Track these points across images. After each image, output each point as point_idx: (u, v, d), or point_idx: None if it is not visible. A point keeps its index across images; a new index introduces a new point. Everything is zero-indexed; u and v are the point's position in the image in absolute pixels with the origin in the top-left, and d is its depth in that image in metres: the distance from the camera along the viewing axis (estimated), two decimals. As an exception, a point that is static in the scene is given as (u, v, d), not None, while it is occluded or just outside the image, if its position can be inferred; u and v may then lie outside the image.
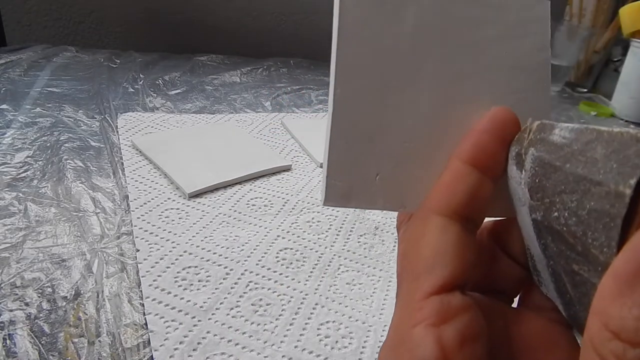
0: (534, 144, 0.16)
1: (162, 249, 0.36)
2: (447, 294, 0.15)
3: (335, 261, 0.38)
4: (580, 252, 0.14)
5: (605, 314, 0.11)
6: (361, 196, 0.18)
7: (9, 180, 0.42)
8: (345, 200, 0.18)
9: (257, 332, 0.30)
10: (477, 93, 0.19)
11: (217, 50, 0.91)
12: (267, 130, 0.61)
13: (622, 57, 0.90)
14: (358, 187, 0.18)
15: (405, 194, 0.18)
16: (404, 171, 0.18)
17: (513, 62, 0.19)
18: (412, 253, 0.16)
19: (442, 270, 0.15)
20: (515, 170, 0.16)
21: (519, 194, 0.16)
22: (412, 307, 0.15)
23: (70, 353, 0.27)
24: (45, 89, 0.64)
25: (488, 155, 0.16)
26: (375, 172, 0.18)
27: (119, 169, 0.47)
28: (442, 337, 0.14)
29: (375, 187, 0.18)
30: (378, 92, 0.18)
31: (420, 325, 0.14)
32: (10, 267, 0.32)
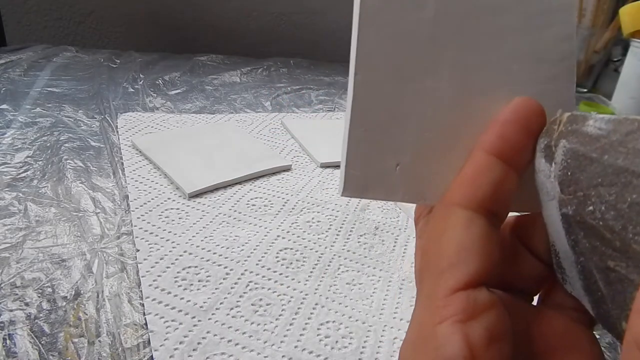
0: (565, 136, 0.15)
1: (162, 249, 0.36)
2: (473, 290, 0.14)
3: (335, 261, 0.38)
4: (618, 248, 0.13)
5: None
6: (380, 187, 0.17)
7: (9, 180, 0.42)
8: (363, 191, 0.17)
9: (257, 332, 0.30)
10: (499, 83, 0.18)
11: (217, 50, 0.91)
12: (267, 130, 0.61)
13: (622, 57, 0.90)
14: (377, 178, 0.17)
15: (425, 185, 0.18)
16: (424, 162, 0.18)
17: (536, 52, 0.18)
18: (434, 248, 0.15)
19: (468, 265, 0.14)
20: (544, 162, 0.16)
21: (547, 188, 0.16)
22: (437, 304, 0.14)
23: (70, 353, 0.27)
24: (45, 89, 0.64)
25: (513, 146, 0.16)
26: (394, 163, 0.17)
27: (119, 169, 0.47)
28: (469, 335, 0.14)
29: (395, 178, 0.17)
30: (398, 80, 0.17)
31: (446, 323, 0.14)
32: (10, 267, 0.32)
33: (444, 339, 0.14)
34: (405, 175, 0.17)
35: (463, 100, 0.18)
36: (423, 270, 0.16)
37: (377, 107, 0.17)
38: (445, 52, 0.18)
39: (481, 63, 0.18)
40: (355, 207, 0.46)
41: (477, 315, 0.14)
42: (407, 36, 0.17)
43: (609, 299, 0.14)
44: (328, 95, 0.79)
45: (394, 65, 0.17)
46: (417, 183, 0.18)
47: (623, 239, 0.13)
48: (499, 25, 0.18)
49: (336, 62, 0.99)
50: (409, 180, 0.18)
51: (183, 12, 0.95)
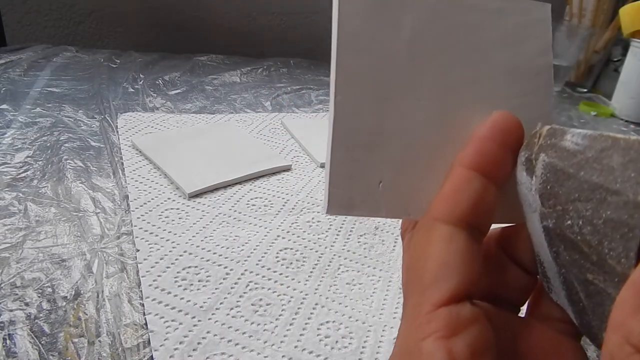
0: (544, 150, 0.15)
1: (162, 249, 0.36)
2: (455, 305, 0.14)
3: (335, 261, 0.38)
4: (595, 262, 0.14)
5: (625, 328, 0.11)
6: (364, 205, 0.18)
7: (9, 180, 0.42)
8: (348, 208, 0.18)
9: (257, 332, 0.30)
10: (479, 99, 0.18)
11: (217, 50, 0.91)
12: (267, 130, 0.61)
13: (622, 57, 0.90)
14: (361, 196, 0.18)
15: (408, 201, 0.18)
16: (406, 178, 0.18)
17: (514, 66, 0.19)
18: (417, 264, 0.16)
19: (450, 281, 0.15)
20: (525, 176, 0.16)
21: (529, 200, 0.16)
22: (420, 320, 0.15)
23: (70, 353, 0.27)
24: (45, 89, 0.64)
25: (491, 160, 0.16)
26: (377, 180, 0.18)
27: (119, 169, 0.47)
28: (452, 350, 0.14)
29: (378, 195, 0.18)
30: (378, 99, 0.18)
31: (430, 339, 0.14)
32: (10, 267, 0.32)
33: (428, 355, 0.14)
34: (388, 192, 0.18)
35: (443, 116, 0.18)
36: (408, 286, 0.16)
37: (358, 127, 0.18)
38: (424, 71, 0.18)
39: (460, 80, 0.18)
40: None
41: (460, 331, 0.14)
42: (385, 57, 0.18)
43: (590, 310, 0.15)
44: (328, 95, 0.79)
45: (373, 86, 0.18)
46: (401, 199, 0.18)
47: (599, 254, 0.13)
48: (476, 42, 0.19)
49: (336, 62, 0.99)
50: (392, 197, 0.18)
51: (183, 12, 0.95)
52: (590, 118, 0.85)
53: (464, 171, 0.16)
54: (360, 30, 0.18)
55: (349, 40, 0.18)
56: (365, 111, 0.18)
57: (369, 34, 0.18)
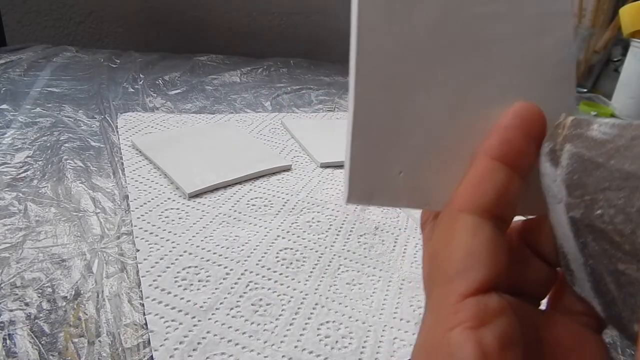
0: (570, 140, 0.15)
1: (162, 249, 0.36)
2: (483, 296, 0.14)
3: (335, 261, 0.38)
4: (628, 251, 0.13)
5: None
6: (384, 194, 0.18)
7: (9, 180, 0.42)
8: (368, 198, 0.18)
9: (257, 332, 0.30)
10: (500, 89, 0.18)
11: (217, 50, 0.91)
12: (267, 130, 0.61)
13: (622, 57, 0.90)
14: (381, 185, 0.18)
15: (429, 191, 0.18)
16: (427, 168, 0.18)
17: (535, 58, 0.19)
18: (441, 254, 0.15)
19: (477, 271, 0.14)
20: (550, 166, 0.16)
21: (554, 191, 0.16)
22: (447, 310, 0.14)
23: (70, 353, 0.27)
24: (45, 89, 0.64)
25: (516, 151, 0.16)
26: (398, 170, 0.18)
27: (119, 169, 0.47)
28: (482, 342, 0.13)
29: (399, 185, 0.18)
30: (398, 89, 0.18)
31: (458, 329, 0.14)
32: (10, 267, 0.32)
33: (456, 346, 0.14)
34: (409, 181, 0.18)
35: (464, 107, 0.18)
36: (431, 277, 0.16)
37: (379, 116, 0.18)
38: (444, 61, 0.18)
39: (481, 71, 0.18)
40: (355, 207, 0.46)
41: (489, 322, 0.14)
42: (406, 46, 0.18)
43: (620, 301, 0.14)
44: (328, 95, 0.79)
45: (393, 78, 0.18)
46: (421, 189, 0.18)
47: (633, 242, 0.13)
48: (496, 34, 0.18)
49: (336, 62, 0.99)
50: (412, 187, 0.18)
51: (183, 12, 0.95)
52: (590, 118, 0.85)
53: (488, 161, 0.16)
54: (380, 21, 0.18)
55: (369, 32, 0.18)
56: (386, 100, 0.18)
57: (388, 24, 0.18)
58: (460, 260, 0.15)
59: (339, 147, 0.59)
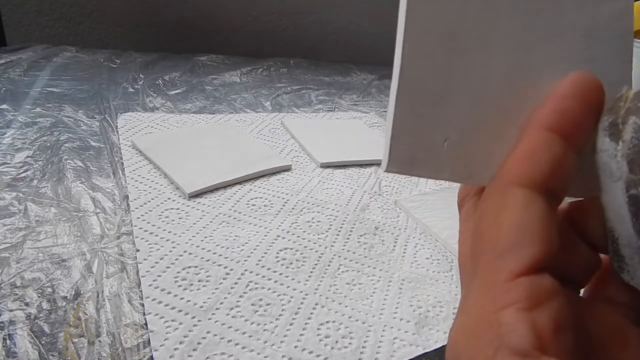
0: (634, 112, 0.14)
1: (162, 249, 0.36)
2: (536, 276, 0.13)
3: (335, 261, 0.38)
4: None
5: None
6: (427, 163, 0.17)
7: (9, 180, 0.42)
8: (409, 166, 0.17)
9: (257, 332, 0.30)
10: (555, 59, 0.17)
11: (217, 50, 0.91)
12: (267, 130, 0.61)
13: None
14: (424, 154, 0.16)
15: (474, 164, 0.17)
16: (473, 139, 0.17)
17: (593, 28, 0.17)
18: (490, 229, 0.14)
19: (529, 248, 0.13)
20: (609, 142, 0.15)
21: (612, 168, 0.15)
22: (497, 289, 0.13)
23: (70, 353, 0.27)
24: (45, 89, 0.64)
25: (573, 122, 0.15)
26: (443, 138, 0.17)
27: (119, 169, 0.47)
28: (536, 323, 0.13)
29: (443, 155, 0.17)
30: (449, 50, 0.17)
31: (510, 309, 0.13)
32: (10, 267, 0.32)
33: (508, 327, 0.13)
34: (454, 152, 0.17)
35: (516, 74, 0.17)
36: (476, 253, 0.15)
37: (426, 79, 0.16)
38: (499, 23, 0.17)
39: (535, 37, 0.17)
40: (356, 207, 0.46)
41: (542, 303, 0.13)
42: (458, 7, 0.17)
43: None
44: (328, 95, 0.79)
45: (445, 35, 0.16)
46: (466, 161, 0.17)
47: None
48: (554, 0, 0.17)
49: (336, 62, 0.99)
50: (457, 158, 0.17)
51: (183, 12, 0.95)
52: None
53: (542, 132, 0.15)
54: None
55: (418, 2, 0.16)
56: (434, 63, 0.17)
57: None
58: (512, 235, 0.14)
59: (339, 147, 0.59)
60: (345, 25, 1.05)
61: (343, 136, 0.61)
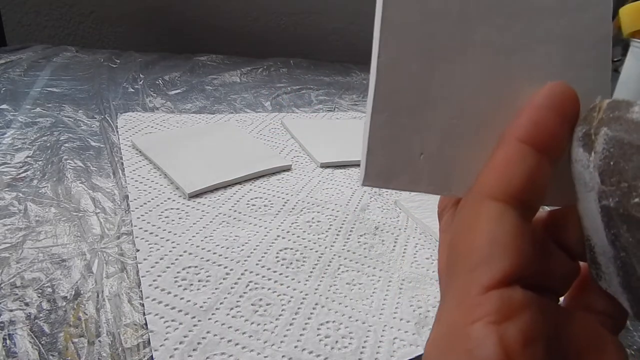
0: (606, 123, 0.14)
1: (162, 249, 0.36)
2: (507, 289, 0.13)
3: (335, 261, 0.38)
4: None
5: None
6: (403, 176, 0.16)
7: (9, 180, 0.42)
8: (386, 180, 0.16)
9: (257, 332, 0.30)
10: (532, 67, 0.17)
11: (217, 50, 0.91)
12: (267, 130, 0.61)
13: (622, 57, 0.90)
14: (401, 167, 0.16)
15: (451, 175, 0.17)
16: (451, 150, 0.17)
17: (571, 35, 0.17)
18: (463, 242, 0.15)
19: (501, 262, 0.14)
20: (582, 152, 0.15)
21: (585, 179, 0.15)
22: (469, 302, 0.14)
23: (70, 353, 0.27)
24: (45, 89, 0.64)
25: (548, 133, 0.15)
26: (419, 150, 0.16)
27: (119, 169, 0.47)
28: (504, 337, 0.13)
29: (420, 167, 0.16)
30: (425, 61, 0.16)
31: (480, 323, 0.13)
32: (10, 267, 0.32)
33: (478, 341, 0.13)
34: (431, 164, 0.17)
35: (494, 84, 0.17)
36: (451, 265, 0.15)
37: (402, 92, 0.16)
38: (475, 33, 0.17)
39: (513, 45, 0.17)
40: (356, 207, 0.46)
41: (512, 316, 0.13)
42: (435, 16, 0.16)
43: None
44: (328, 95, 0.79)
45: (420, 46, 0.16)
46: (443, 173, 0.17)
47: None
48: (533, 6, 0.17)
49: (336, 62, 0.99)
50: (434, 170, 0.17)
51: (183, 12, 0.95)
52: (590, 118, 0.85)
53: (516, 144, 0.15)
54: None
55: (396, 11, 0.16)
56: (410, 73, 0.16)
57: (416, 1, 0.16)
58: (484, 248, 0.14)
59: (339, 147, 0.59)
60: (345, 25, 1.05)
61: (343, 136, 0.61)
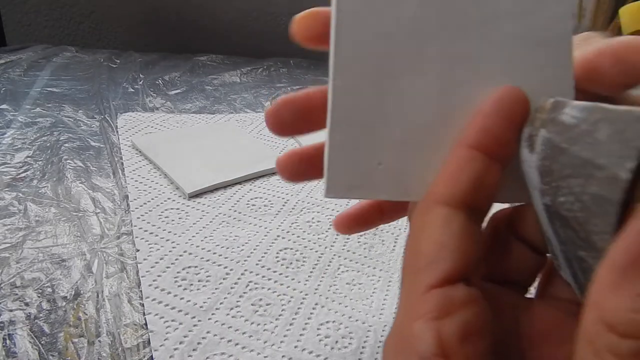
0: (545, 125, 0.15)
1: (162, 249, 0.36)
2: (449, 287, 0.14)
3: (335, 261, 0.38)
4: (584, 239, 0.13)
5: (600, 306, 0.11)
6: (363, 187, 0.17)
7: (9, 180, 0.42)
8: (346, 191, 0.18)
9: (257, 332, 0.30)
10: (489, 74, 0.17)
11: (217, 50, 0.91)
12: (267, 130, 0.61)
13: (622, 57, 0.90)
14: (360, 178, 0.17)
15: (409, 183, 0.17)
16: (407, 159, 0.17)
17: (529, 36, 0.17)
18: (413, 247, 0.16)
19: (444, 263, 0.14)
20: (527, 152, 0.15)
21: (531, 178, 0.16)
22: (414, 301, 0.14)
23: (70, 353, 0.27)
24: (45, 89, 0.64)
25: (495, 138, 0.15)
26: (377, 162, 0.17)
27: (119, 169, 0.47)
28: (441, 331, 0.14)
29: (378, 177, 0.17)
30: (379, 79, 0.17)
31: (421, 320, 0.14)
32: (10, 267, 0.32)
33: (417, 337, 0.14)
34: (389, 174, 0.17)
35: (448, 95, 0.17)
36: (405, 268, 0.16)
37: (357, 108, 0.17)
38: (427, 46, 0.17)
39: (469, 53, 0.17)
40: (355, 207, 0.46)
41: (452, 312, 0.14)
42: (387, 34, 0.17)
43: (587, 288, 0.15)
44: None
45: (373, 65, 0.17)
46: (401, 181, 0.17)
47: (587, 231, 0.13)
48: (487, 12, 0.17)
49: (336, 62, 0.98)
50: (392, 179, 0.17)
51: (183, 12, 0.95)
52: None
53: (464, 150, 0.15)
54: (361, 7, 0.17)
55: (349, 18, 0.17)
56: (365, 90, 0.17)
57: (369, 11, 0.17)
58: (429, 252, 0.15)
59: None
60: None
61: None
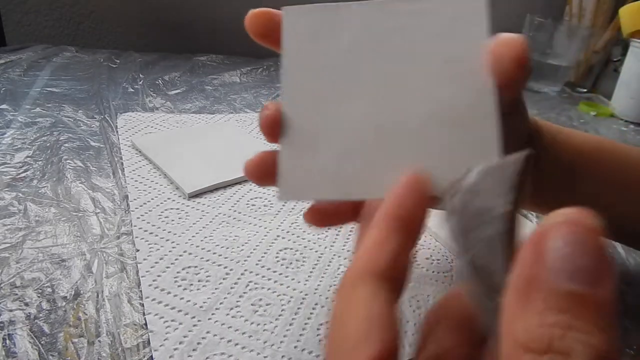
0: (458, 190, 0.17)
1: (162, 249, 0.36)
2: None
3: (335, 261, 0.38)
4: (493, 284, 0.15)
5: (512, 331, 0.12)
6: (311, 191, 0.21)
7: (9, 180, 0.42)
8: (297, 195, 0.21)
9: (257, 332, 0.30)
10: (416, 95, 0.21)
11: (217, 50, 0.91)
12: (267, 130, 0.61)
13: (622, 57, 0.90)
14: (307, 184, 0.21)
15: (350, 185, 0.21)
16: (348, 166, 0.21)
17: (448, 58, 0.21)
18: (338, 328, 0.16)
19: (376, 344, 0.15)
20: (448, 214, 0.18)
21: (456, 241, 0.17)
22: None
23: (70, 353, 0.27)
24: (45, 89, 0.64)
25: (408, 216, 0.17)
26: (321, 169, 0.21)
27: (118, 169, 0.47)
28: None
29: (323, 182, 0.21)
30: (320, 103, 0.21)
31: None
32: (10, 267, 0.32)
33: None
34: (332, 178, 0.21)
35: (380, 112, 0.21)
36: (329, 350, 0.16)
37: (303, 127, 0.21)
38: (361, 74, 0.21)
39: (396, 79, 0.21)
40: (355, 207, 0.46)
41: None
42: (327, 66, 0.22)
43: None
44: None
45: (316, 91, 0.22)
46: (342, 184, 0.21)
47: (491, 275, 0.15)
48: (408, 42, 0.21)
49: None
50: (335, 182, 0.21)
51: (183, 12, 0.95)
52: (590, 118, 0.85)
53: (383, 227, 0.17)
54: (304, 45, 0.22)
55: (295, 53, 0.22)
56: (309, 113, 0.21)
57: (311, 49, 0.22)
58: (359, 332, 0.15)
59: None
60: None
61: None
